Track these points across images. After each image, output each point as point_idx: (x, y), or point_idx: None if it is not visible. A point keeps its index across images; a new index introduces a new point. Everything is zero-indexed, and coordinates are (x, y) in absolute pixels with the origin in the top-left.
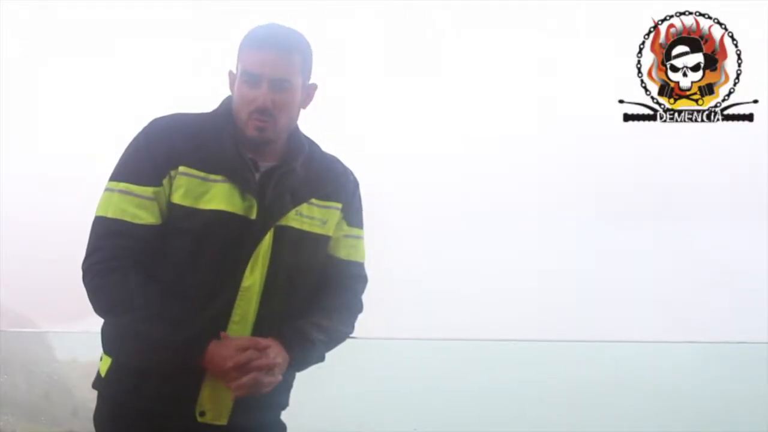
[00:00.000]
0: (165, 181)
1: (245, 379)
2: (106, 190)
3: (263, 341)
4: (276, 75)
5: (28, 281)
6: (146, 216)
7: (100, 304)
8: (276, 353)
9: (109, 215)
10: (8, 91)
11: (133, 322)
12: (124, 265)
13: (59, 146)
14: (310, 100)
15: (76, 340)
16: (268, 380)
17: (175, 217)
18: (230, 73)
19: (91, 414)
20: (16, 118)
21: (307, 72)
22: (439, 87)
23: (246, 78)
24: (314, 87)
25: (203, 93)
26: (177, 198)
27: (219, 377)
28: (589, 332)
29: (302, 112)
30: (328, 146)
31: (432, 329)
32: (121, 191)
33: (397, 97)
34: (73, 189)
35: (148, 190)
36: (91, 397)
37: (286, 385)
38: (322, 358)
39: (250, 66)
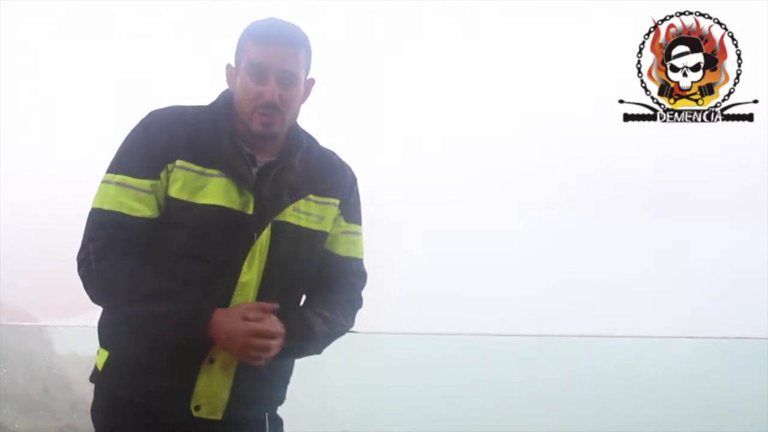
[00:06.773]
0: (162, 175)
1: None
2: (103, 182)
3: (269, 305)
4: (284, 69)
5: (27, 275)
6: (143, 209)
7: (99, 291)
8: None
9: (106, 207)
10: (8, 91)
11: (135, 300)
12: (122, 253)
13: (58, 143)
14: (308, 95)
15: (76, 334)
16: (258, 343)
17: (172, 210)
18: (228, 66)
19: (89, 408)
20: (15, 117)
21: (308, 67)
22: (439, 86)
23: (252, 72)
24: (312, 82)
25: (200, 92)
26: (174, 192)
27: (227, 345)
28: (589, 328)
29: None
30: (327, 144)
31: (431, 324)
32: (118, 183)
33: (397, 95)
34: (72, 184)
35: (145, 183)
36: (89, 392)
37: (284, 380)
38: (319, 351)
39: (258, 59)
